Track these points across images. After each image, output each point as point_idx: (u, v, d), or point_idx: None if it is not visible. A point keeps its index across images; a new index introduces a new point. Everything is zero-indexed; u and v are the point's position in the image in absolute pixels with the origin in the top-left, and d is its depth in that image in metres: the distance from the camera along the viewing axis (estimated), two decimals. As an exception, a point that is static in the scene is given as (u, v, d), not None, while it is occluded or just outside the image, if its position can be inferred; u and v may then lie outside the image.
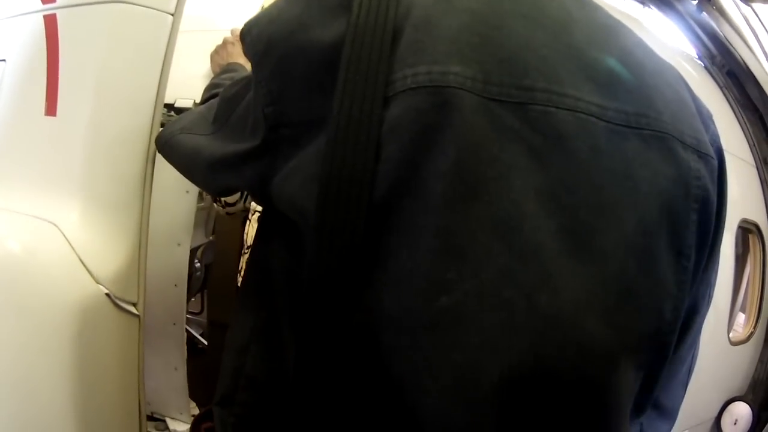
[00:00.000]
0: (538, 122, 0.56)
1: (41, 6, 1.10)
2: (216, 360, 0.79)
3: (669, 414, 0.81)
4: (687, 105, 0.69)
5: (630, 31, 0.71)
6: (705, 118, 0.72)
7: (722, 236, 0.74)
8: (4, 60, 1.17)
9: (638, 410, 0.70)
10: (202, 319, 2.69)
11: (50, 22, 1.08)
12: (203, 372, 2.02)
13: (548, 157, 0.56)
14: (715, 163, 0.68)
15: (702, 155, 0.66)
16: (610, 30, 0.67)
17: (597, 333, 0.58)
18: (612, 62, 0.62)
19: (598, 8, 0.70)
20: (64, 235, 1.04)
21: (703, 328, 2.25)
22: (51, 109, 1.07)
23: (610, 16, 0.70)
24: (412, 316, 0.55)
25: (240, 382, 0.73)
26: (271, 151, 0.65)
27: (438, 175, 0.54)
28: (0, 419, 0.99)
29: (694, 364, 0.84)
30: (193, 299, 2.43)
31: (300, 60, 0.61)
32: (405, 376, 0.56)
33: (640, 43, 0.70)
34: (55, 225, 1.04)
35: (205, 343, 2.53)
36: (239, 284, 2.01)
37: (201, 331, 2.67)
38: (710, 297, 0.77)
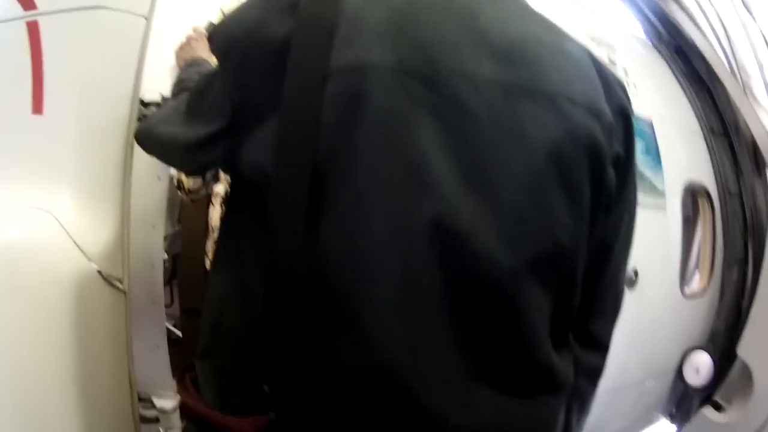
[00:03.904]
0: (440, 90, 0.74)
1: (23, 13, 1.25)
2: (194, 347, 0.92)
3: (599, 345, 0.96)
4: (582, 74, 0.84)
5: (538, 16, 0.88)
6: (612, 86, 0.87)
7: (632, 186, 0.91)
8: (-12, 64, 1.31)
9: (561, 334, 0.85)
10: (173, 311, 2.80)
11: (33, 28, 1.24)
12: (182, 361, 2.13)
13: (449, 115, 0.74)
14: (609, 119, 0.82)
15: (593, 111, 0.80)
16: (515, 14, 0.84)
17: (493, 249, 0.75)
18: (511, 40, 0.79)
19: None
20: (58, 221, 1.20)
21: (655, 283, 2.52)
22: (38, 107, 1.24)
23: (520, 3, 0.88)
24: (347, 245, 0.74)
25: (218, 336, 0.88)
26: (237, 129, 0.82)
27: (362, 133, 0.73)
28: (2, 387, 1.12)
29: (621, 300, 0.99)
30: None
31: (258, 53, 0.79)
32: (349, 292, 0.74)
33: (548, 27, 0.87)
34: (49, 213, 1.20)
35: (179, 334, 2.62)
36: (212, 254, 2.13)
37: (173, 323, 2.76)
38: (626, 239, 0.94)
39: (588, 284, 0.87)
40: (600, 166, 0.81)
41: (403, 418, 0.76)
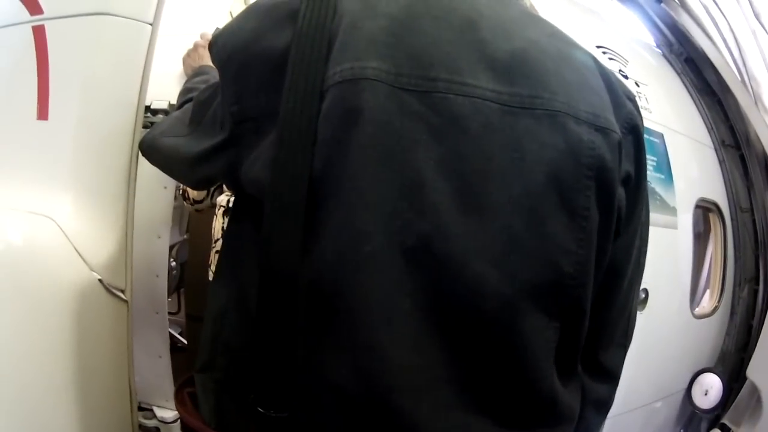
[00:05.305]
0: (438, 106, 0.72)
1: (29, 17, 1.26)
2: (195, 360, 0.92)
3: (609, 376, 0.93)
4: (588, 86, 0.80)
5: (542, 23, 0.84)
6: (621, 98, 0.83)
7: (644, 207, 0.88)
8: (-7, 69, 1.33)
9: (569, 365, 0.83)
10: (180, 318, 2.84)
11: (39, 33, 1.25)
12: (186, 368, 2.16)
13: (445, 134, 0.72)
14: (617, 136, 0.78)
15: (599, 128, 0.77)
16: (517, 24, 0.81)
17: (487, 275, 0.73)
18: (511, 51, 0.76)
19: (511, 4, 0.84)
20: (60, 228, 1.20)
21: (665, 303, 2.51)
22: (43, 113, 1.24)
23: (523, 11, 0.85)
24: (344, 261, 0.72)
25: (218, 348, 0.86)
26: (237, 143, 0.82)
27: (357, 147, 0.71)
28: (1, 394, 1.11)
29: (632, 328, 0.96)
30: (169, 299, 2.57)
31: (256, 65, 0.78)
32: (343, 305, 0.72)
33: (551, 33, 0.83)
34: (51, 219, 1.21)
35: (185, 342, 2.68)
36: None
37: (179, 330, 2.82)
38: (638, 264, 0.91)
39: (598, 310, 0.84)
40: (608, 188, 0.78)
41: None
